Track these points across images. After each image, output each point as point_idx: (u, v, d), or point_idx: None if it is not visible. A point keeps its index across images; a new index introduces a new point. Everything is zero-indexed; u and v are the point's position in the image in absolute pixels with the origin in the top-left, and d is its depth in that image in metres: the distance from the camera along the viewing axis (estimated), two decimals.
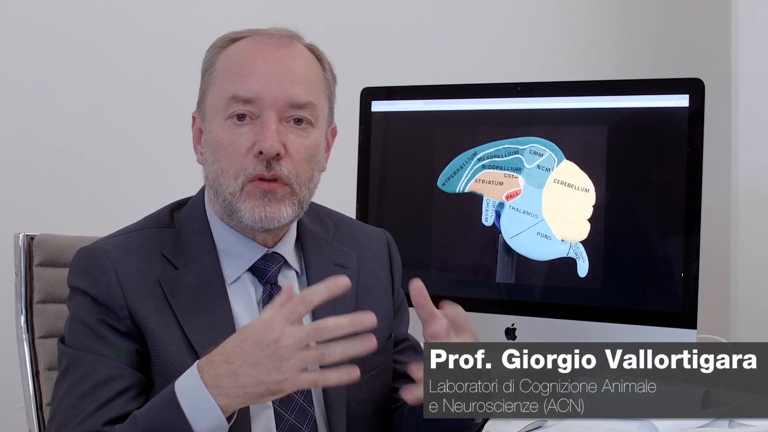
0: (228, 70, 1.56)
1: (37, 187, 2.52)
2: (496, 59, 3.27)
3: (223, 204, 1.55)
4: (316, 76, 1.59)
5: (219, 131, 1.54)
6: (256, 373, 1.35)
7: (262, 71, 1.53)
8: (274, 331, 1.35)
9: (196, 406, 1.36)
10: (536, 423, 1.87)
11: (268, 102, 1.52)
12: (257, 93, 1.52)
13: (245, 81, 1.53)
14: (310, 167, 1.57)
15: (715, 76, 2.75)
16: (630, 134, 2.12)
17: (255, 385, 1.35)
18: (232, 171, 1.53)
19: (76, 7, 2.58)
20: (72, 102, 2.58)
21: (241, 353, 1.36)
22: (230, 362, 1.36)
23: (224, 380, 1.36)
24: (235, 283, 1.57)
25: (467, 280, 2.24)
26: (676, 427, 1.66)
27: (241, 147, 1.52)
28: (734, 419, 1.71)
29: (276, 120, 1.52)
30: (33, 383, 1.79)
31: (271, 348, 1.34)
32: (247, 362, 1.35)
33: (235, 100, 1.53)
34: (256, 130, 1.52)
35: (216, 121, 1.55)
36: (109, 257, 1.52)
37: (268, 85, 1.53)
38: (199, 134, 1.60)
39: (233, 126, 1.53)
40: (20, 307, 1.81)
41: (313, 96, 1.56)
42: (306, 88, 1.55)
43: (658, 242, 2.08)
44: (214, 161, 1.55)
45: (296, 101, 1.54)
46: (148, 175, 2.68)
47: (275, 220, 1.54)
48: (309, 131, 1.56)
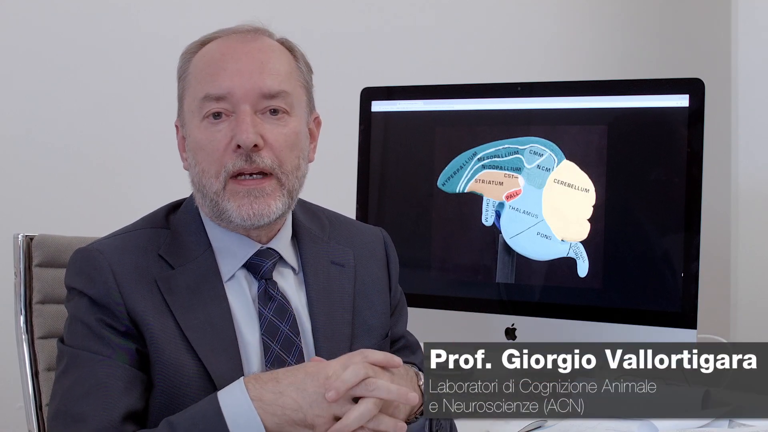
0: (199, 72, 1.56)
1: (37, 187, 2.52)
2: (496, 59, 3.27)
3: (210, 205, 1.55)
4: (287, 65, 1.59)
5: (197, 132, 1.55)
6: (299, 398, 1.38)
7: (231, 67, 1.54)
8: (329, 370, 1.40)
9: (239, 417, 1.38)
10: (536, 423, 1.87)
11: (240, 96, 1.52)
12: (228, 89, 1.53)
13: (215, 79, 1.53)
14: (294, 155, 1.56)
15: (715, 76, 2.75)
16: (630, 134, 2.12)
17: (294, 410, 1.38)
18: (213, 169, 1.53)
19: (76, 8, 2.58)
20: (72, 102, 2.58)
21: (291, 377, 1.40)
22: (278, 381, 1.40)
23: (268, 395, 1.39)
24: (231, 280, 1.57)
25: (467, 280, 2.24)
26: (676, 427, 1.66)
27: (219, 144, 1.53)
28: (734, 419, 1.71)
29: (250, 113, 1.53)
30: (32, 383, 1.79)
31: (321, 381, 1.39)
32: (295, 386, 1.39)
33: (207, 99, 1.53)
34: (232, 125, 1.53)
35: (193, 123, 1.56)
36: (106, 257, 1.52)
37: (238, 80, 1.53)
38: (183, 142, 1.61)
39: (209, 125, 1.54)
40: (20, 307, 1.81)
41: (286, 85, 1.56)
42: (277, 78, 1.55)
43: (658, 242, 2.08)
44: (196, 163, 1.55)
45: (267, 91, 1.54)
46: (148, 176, 2.68)
47: (264, 215, 1.54)
48: (286, 120, 1.56)
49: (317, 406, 1.38)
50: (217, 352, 1.50)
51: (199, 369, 1.48)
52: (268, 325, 1.55)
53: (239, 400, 1.38)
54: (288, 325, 1.56)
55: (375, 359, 1.43)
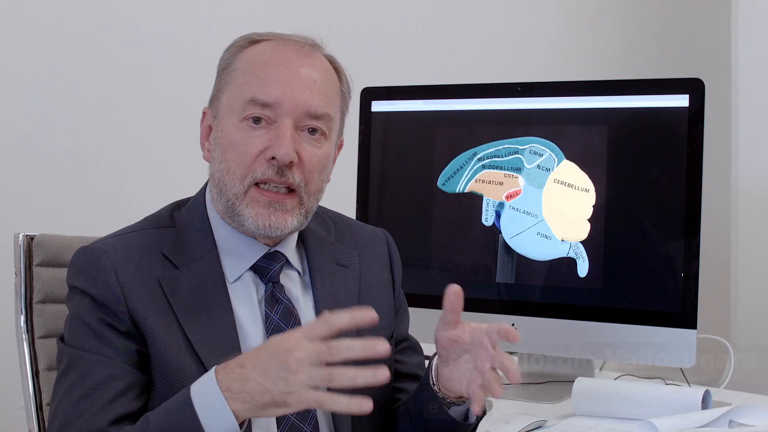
0: (248, 72, 1.54)
1: (37, 187, 2.52)
2: (496, 59, 3.27)
3: (226, 204, 1.55)
4: (334, 88, 1.59)
5: (232, 131, 1.54)
6: (263, 380, 1.33)
7: (283, 77, 1.52)
8: (289, 342, 1.34)
9: (210, 408, 1.35)
10: (536, 423, 1.87)
11: (287, 109, 1.52)
12: (277, 98, 1.51)
13: (265, 85, 1.52)
14: (320, 178, 1.57)
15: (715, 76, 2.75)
16: (630, 134, 2.12)
17: (260, 393, 1.33)
18: (240, 172, 1.52)
19: (76, 7, 2.58)
20: (72, 102, 2.57)
21: (254, 359, 1.35)
22: (243, 366, 1.35)
23: (234, 383, 1.35)
24: (236, 282, 1.57)
25: (467, 280, 2.24)
26: (676, 427, 1.66)
27: (253, 149, 1.52)
28: (734, 419, 1.70)
29: (292, 127, 1.52)
30: (33, 383, 1.78)
31: (283, 357, 1.32)
32: (258, 368, 1.34)
33: (253, 103, 1.52)
34: (271, 135, 1.51)
35: (230, 120, 1.54)
36: (108, 257, 1.51)
37: (288, 92, 1.52)
38: (208, 131, 1.60)
39: (247, 128, 1.53)
40: (20, 307, 1.81)
41: (330, 108, 1.56)
42: (324, 100, 1.55)
43: (658, 242, 2.08)
44: (222, 160, 1.54)
45: (314, 111, 1.53)
46: (148, 175, 2.68)
47: (279, 229, 1.53)
48: (322, 142, 1.56)
49: (282, 383, 1.31)
50: (219, 353, 1.49)
51: (201, 370, 1.47)
52: (274, 328, 1.54)
53: (209, 390, 1.35)
54: (293, 328, 1.55)
55: (341, 322, 1.35)
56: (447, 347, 1.49)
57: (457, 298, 1.46)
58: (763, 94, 3.14)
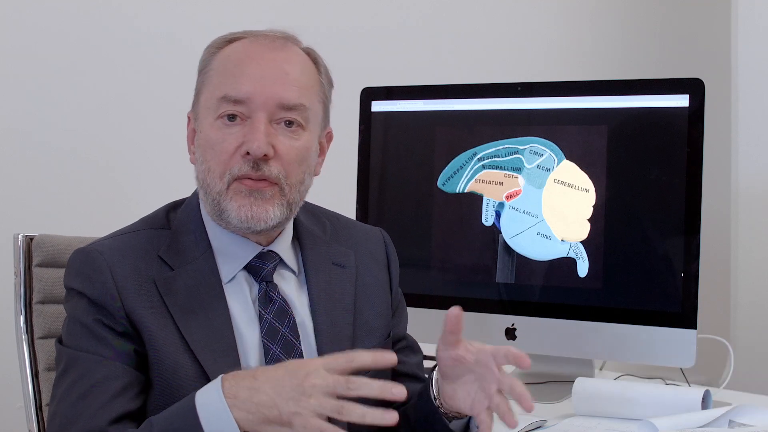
0: (222, 71, 1.56)
1: (37, 187, 2.52)
2: (496, 59, 3.27)
3: (212, 204, 1.55)
4: (310, 78, 1.59)
5: (209, 130, 1.55)
6: (274, 395, 1.34)
7: (254, 72, 1.53)
8: (308, 367, 1.35)
9: (213, 416, 1.36)
10: (536, 423, 1.87)
11: (259, 103, 1.52)
12: (248, 94, 1.52)
13: (237, 82, 1.53)
14: (300, 170, 1.56)
15: (715, 76, 2.75)
16: (630, 134, 2.11)
17: (269, 407, 1.34)
18: (218, 170, 1.53)
19: (75, 7, 2.58)
20: (72, 102, 2.58)
21: (269, 374, 1.36)
22: (255, 378, 1.36)
23: (243, 392, 1.35)
24: (231, 282, 1.57)
25: (467, 280, 2.24)
26: (676, 427, 1.66)
27: (229, 146, 1.52)
28: (734, 419, 1.70)
29: (265, 121, 1.52)
30: (32, 383, 1.79)
31: (299, 379, 1.33)
32: (271, 382, 1.35)
33: (225, 100, 1.53)
34: (246, 130, 1.52)
35: (207, 120, 1.55)
36: (105, 258, 1.52)
37: (259, 87, 1.52)
38: (193, 134, 1.60)
39: (223, 126, 1.53)
40: (19, 307, 1.81)
41: (305, 98, 1.56)
42: (298, 90, 1.55)
43: (658, 242, 2.08)
44: (203, 160, 1.55)
45: (287, 103, 1.53)
46: (147, 176, 2.68)
47: (261, 220, 1.53)
48: (299, 133, 1.56)
49: (294, 403, 1.32)
50: (215, 353, 1.49)
51: (198, 370, 1.48)
52: (268, 328, 1.55)
53: (214, 397, 1.36)
54: (288, 327, 1.56)
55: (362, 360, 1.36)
56: (450, 365, 1.48)
57: (457, 320, 1.45)
58: (763, 94, 3.14)
